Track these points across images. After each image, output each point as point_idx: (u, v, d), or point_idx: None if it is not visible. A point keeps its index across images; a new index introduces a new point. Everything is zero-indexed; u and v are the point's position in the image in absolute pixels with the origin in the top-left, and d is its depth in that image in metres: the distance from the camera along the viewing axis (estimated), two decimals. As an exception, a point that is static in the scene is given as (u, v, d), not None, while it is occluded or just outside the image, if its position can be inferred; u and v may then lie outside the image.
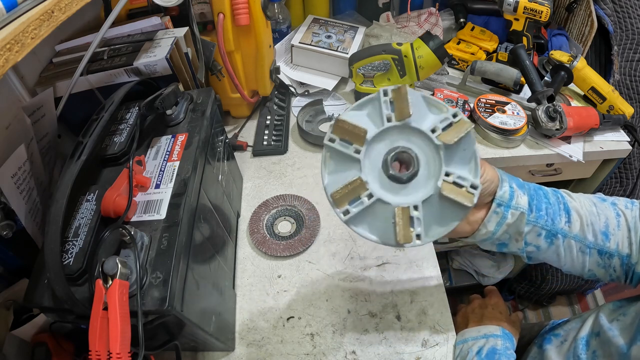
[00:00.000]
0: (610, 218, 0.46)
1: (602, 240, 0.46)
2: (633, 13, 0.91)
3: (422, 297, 0.56)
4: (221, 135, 0.58)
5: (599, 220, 0.46)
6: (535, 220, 0.44)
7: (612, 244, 0.46)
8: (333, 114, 0.84)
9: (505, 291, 1.38)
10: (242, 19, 0.64)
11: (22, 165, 0.43)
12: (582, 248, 0.46)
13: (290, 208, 0.66)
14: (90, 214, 0.37)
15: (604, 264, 0.47)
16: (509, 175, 0.45)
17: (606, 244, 0.46)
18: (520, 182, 0.46)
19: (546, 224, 0.45)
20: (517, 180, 0.45)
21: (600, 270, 0.47)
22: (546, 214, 0.45)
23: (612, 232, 0.46)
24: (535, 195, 0.45)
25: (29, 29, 0.36)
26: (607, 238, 0.46)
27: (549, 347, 0.55)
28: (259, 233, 0.63)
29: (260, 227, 0.63)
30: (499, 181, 0.43)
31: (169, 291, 0.33)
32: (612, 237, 0.46)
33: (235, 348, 0.52)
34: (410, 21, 1.02)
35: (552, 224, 0.45)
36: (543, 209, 0.45)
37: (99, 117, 0.42)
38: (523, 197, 0.44)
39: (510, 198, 0.43)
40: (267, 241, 0.62)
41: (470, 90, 0.90)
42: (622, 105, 0.83)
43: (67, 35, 0.60)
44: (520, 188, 0.44)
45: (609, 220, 0.46)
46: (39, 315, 0.44)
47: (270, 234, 0.63)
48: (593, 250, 0.46)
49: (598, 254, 0.46)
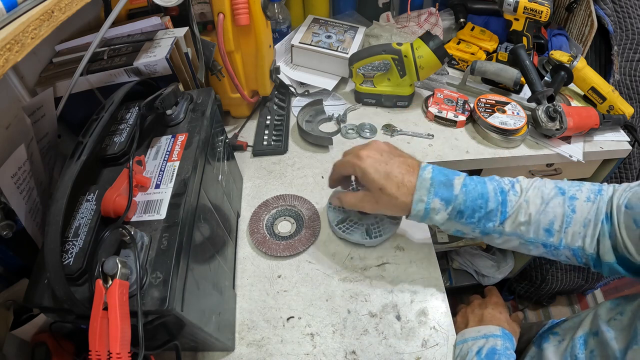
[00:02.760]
0: (559, 216, 0.47)
1: (544, 236, 0.48)
2: (633, 13, 0.91)
3: (422, 297, 0.56)
4: (221, 135, 0.58)
5: (543, 218, 0.47)
6: (465, 224, 0.50)
7: (556, 240, 0.47)
8: (333, 114, 0.84)
9: (505, 291, 1.38)
10: (242, 19, 0.64)
11: (22, 165, 0.43)
12: (522, 242, 0.49)
13: (290, 208, 0.66)
14: (90, 214, 0.37)
15: (552, 254, 0.49)
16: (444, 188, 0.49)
17: (549, 239, 0.47)
18: (451, 196, 0.49)
19: (477, 227, 0.49)
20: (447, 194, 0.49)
21: (550, 257, 0.50)
22: (478, 220, 0.49)
23: (556, 229, 0.47)
24: (469, 207, 0.49)
25: (29, 29, 0.36)
26: (550, 234, 0.47)
27: (547, 346, 0.55)
28: (259, 233, 0.62)
29: (260, 227, 0.63)
30: (411, 204, 0.49)
31: (169, 291, 0.33)
32: (556, 234, 0.47)
33: (235, 348, 0.52)
34: (410, 21, 1.02)
35: (483, 227, 0.50)
36: (476, 217, 0.49)
37: (99, 117, 0.42)
38: (442, 213, 0.49)
39: (424, 215, 0.50)
40: (267, 241, 0.61)
41: (470, 90, 0.90)
42: (622, 105, 0.83)
43: (67, 35, 0.60)
44: (446, 204, 0.49)
45: (556, 218, 0.47)
46: (39, 315, 0.44)
47: (270, 233, 0.63)
48: (536, 243, 0.48)
49: (543, 246, 0.48)
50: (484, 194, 0.49)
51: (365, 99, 0.87)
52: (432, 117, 0.83)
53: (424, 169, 0.50)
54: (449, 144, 0.79)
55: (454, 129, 0.83)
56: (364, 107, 0.88)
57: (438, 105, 0.84)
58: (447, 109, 0.83)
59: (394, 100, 0.86)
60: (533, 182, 0.50)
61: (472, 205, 0.48)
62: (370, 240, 0.60)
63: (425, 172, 0.50)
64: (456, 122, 0.82)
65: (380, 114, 0.86)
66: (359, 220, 0.62)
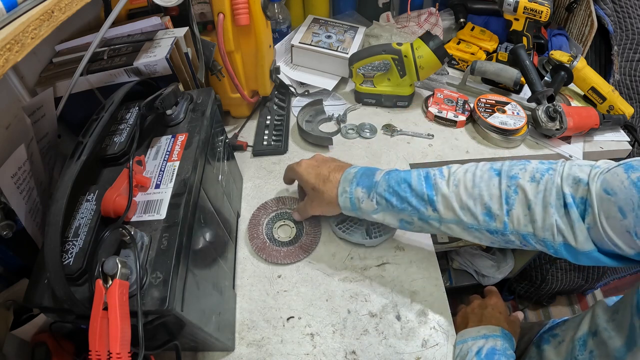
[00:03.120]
0: (494, 197, 0.45)
1: (484, 221, 0.45)
2: (633, 13, 0.91)
3: (422, 297, 0.56)
4: (221, 135, 0.58)
5: (479, 202, 0.45)
6: (399, 211, 0.50)
7: (499, 224, 0.45)
8: (333, 114, 0.84)
9: (505, 291, 1.38)
10: (242, 19, 0.64)
11: (22, 165, 0.43)
12: (465, 228, 0.47)
13: (290, 211, 0.65)
14: (90, 214, 0.37)
15: (503, 240, 0.46)
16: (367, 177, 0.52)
17: (491, 224, 0.45)
18: (371, 183, 0.51)
19: (412, 213, 0.50)
20: (368, 182, 0.52)
21: (502, 244, 0.47)
22: (409, 205, 0.50)
23: (496, 212, 0.45)
24: (393, 192, 0.50)
25: (29, 29, 0.36)
26: (490, 218, 0.45)
27: (547, 347, 0.55)
28: (259, 238, 0.61)
29: (259, 232, 0.62)
30: (336, 197, 0.53)
31: (169, 291, 0.33)
32: (497, 218, 0.45)
33: (235, 348, 0.52)
34: (410, 21, 1.02)
35: (418, 212, 0.49)
36: (404, 202, 0.50)
37: (99, 117, 0.42)
38: (366, 202, 0.52)
39: (352, 205, 0.53)
40: (267, 247, 0.60)
41: (470, 90, 0.90)
42: (622, 105, 0.83)
43: (67, 35, 0.60)
44: (367, 191, 0.51)
45: (492, 200, 0.45)
46: (39, 315, 0.44)
47: (270, 238, 0.62)
48: (480, 229, 0.46)
49: (488, 233, 0.46)
50: (406, 178, 0.50)
51: (365, 99, 0.87)
52: (432, 117, 0.83)
53: (352, 167, 0.55)
54: (449, 144, 0.79)
55: (454, 129, 0.83)
56: (364, 107, 0.88)
57: (438, 105, 0.84)
58: (447, 109, 0.83)
59: (394, 100, 0.86)
60: (464, 166, 0.49)
61: (396, 190, 0.50)
62: (370, 240, 0.60)
63: (352, 169, 0.54)
64: (456, 122, 0.82)
65: (380, 114, 0.86)
66: (359, 220, 0.62)
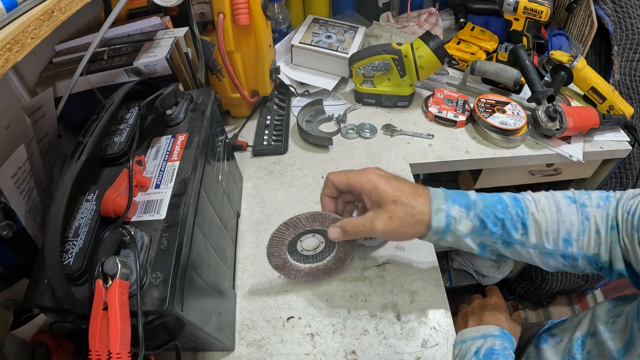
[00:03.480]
0: (575, 224, 0.45)
1: (563, 246, 0.46)
2: (633, 13, 0.91)
3: (422, 297, 0.56)
4: (221, 135, 0.58)
5: (561, 227, 0.45)
6: (489, 235, 0.45)
7: (575, 249, 0.45)
8: (333, 114, 0.84)
9: (505, 291, 1.38)
10: (242, 19, 0.64)
11: (22, 165, 0.43)
12: (542, 253, 0.47)
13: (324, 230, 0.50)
14: (90, 214, 0.37)
15: (570, 265, 0.47)
16: (459, 195, 0.46)
17: (568, 249, 0.46)
18: (468, 201, 0.45)
19: (501, 236, 0.45)
20: (464, 200, 0.45)
21: (567, 268, 0.48)
22: (502, 228, 0.45)
23: (574, 238, 0.45)
24: (490, 214, 0.45)
25: (29, 29, 0.36)
26: (569, 244, 0.45)
27: (545, 346, 0.55)
28: (279, 257, 0.52)
29: (281, 251, 0.51)
30: (430, 213, 0.44)
31: (169, 291, 0.33)
32: (574, 243, 0.45)
33: (235, 348, 0.52)
34: (410, 21, 1.02)
35: (507, 236, 0.45)
36: (499, 224, 0.45)
37: (99, 117, 0.42)
38: (465, 222, 0.45)
39: (446, 226, 0.45)
40: (287, 266, 0.53)
41: (470, 90, 0.90)
42: (622, 105, 0.83)
43: (67, 35, 0.60)
44: (466, 210, 0.45)
45: (572, 227, 0.45)
46: (39, 315, 0.44)
47: (292, 252, 0.53)
48: (555, 254, 0.46)
49: (561, 257, 0.46)
50: (501, 200, 0.46)
51: (365, 99, 0.87)
52: (432, 117, 0.83)
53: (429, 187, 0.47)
54: (449, 144, 0.79)
55: (454, 129, 0.83)
56: (364, 107, 0.88)
57: (438, 105, 0.84)
58: (447, 109, 0.83)
59: (394, 100, 0.86)
60: (542, 193, 0.49)
61: (492, 211, 0.45)
62: (371, 240, 0.60)
63: (433, 188, 0.47)
64: (456, 122, 0.82)
65: (380, 114, 0.86)
66: None
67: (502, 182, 0.91)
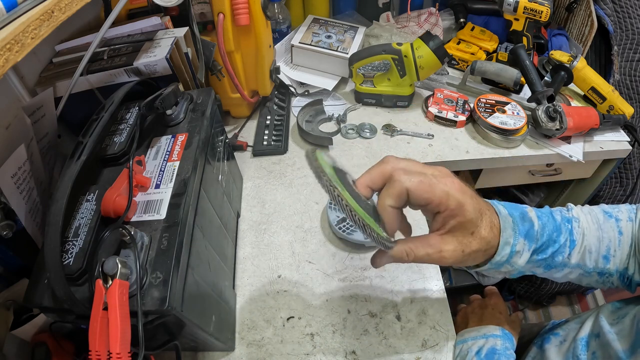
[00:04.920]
0: (613, 239, 0.44)
1: (602, 264, 0.45)
2: (633, 13, 0.91)
3: (422, 297, 0.56)
4: (221, 135, 0.58)
5: (602, 244, 0.44)
6: (535, 262, 0.42)
7: (612, 266, 0.45)
8: (333, 114, 0.84)
9: (505, 291, 1.38)
10: (242, 19, 0.64)
11: (22, 165, 0.43)
12: (581, 273, 0.45)
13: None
14: (90, 214, 0.37)
15: (603, 281, 0.47)
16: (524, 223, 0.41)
17: (606, 266, 0.45)
18: (533, 232, 0.40)
19: (545, 262, 0.43)
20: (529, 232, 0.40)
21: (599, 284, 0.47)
22: (550, 255, 0.42)
23: (612, 254, 0.45)
24: (545, 242, 0.41)
25: (29, 29, 0.36)
26: (607, 261, 0.45)
27: (549, 346, 0.55)
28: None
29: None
30: (497, 247, 0.39)
31: (169, 291, 0.33)
32: (612, 259, 0.45)
33: (235, 348, 0.52)
34: (410, 21, 1.02)
35: (552, 260, 0.43)
36: (549, 252, 0.42)
37: (99, 117, 0.42)
38: (524, 255, 0.40)
39: (507, 260, 0.40)
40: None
41: (470, 90, 0.90)
42: (622, 105, 0.83)
43: (67, 35, 0.60)
44: (529, 243, 0.40)
45: (611, 243, 0.44)
46: (39, 315, 0.44)
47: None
48: (592, 273, 0.46)
49: (598, 275, 0.46)
50: (557, 226, 0.43)
51: (365, 99, 0.87)
52: (432, 117, 0.83)
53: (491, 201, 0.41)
54: (449, 144, 0.79)
55: (454, 129, 0.83)
56: (364, 107, 0.88)
57: (438, 105, 0.84)
58: (447, 109, 0.83)
59: (394, 100, 0.86)
60: (582, 208, 0.47)
61: (547, 241, 0.41)
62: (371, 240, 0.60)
63: (499, 206, 0.41)
64: (456, 122, 0.82)
65: (380, 114, 0.86)
66: None
67: (502, 182, 0.91)
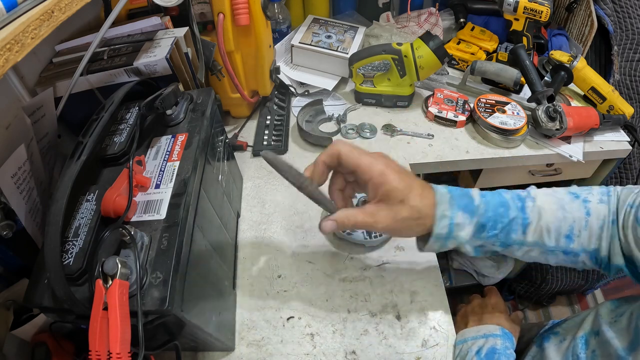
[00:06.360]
0: (578, 220, 0.45)
1: (565, 243, 0.45)
2: (633, 13, 0.91)
3: (422, 297, 0.56)
4: (221, 135, 0.58)
5: (564, 224, 0.45)
6: (488, 238, 0.45)
7: (577, 245, 0.45)
8: (333, 114, 0.84)
9: (505, 291, 1.38)
10: (242, 19, 0.64)
11: (22, 165, 0.43)
12: (542, 251, 0.46)
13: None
14: (90, 214, 0.37)
15: (571, 260, 0.47)
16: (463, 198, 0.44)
17: (570, 246, 0.45)
18: (472, 206, 0.44)
19: (499, 239, 0.45)
20: (469, 205, 0.44)
21: (568, 264, 0.48)
22: (501, 231, 0.44)
23: (576, 233, 0.45)
24: (491, 218, 0.44)
25: (29, 29, 0.36)
26: (570, 240, 0.45)
27: (548, 345, 0.55)
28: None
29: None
30: (434, 219, 0.42)
31: (169, 291, 0.33)
32: (576, 239, 0.45)
33: (235, 348, 0.52)
34: (410, 21, 1.02)
35: (505, 238, 0.45)
36: (498, 228, 0.44)
37: (99, 117, 0.42)
38: (467, 228, 0.43)
39: (448, 233, 0.43)
40: None
41: (470, 90, 0.90)
42: (622, 105, 0.83)
43: (67, 35, 0.60)
44: (470, 216, 0.43)
45: (575, 223, 0.45)
46: (39, 315, 0.44)
47: None
48: (556, 251, 0.46)
49: (563, 254, 0.46)
50: (503, 202, 0.45)
51: (365, 99, 0.87)
52: (432, 117, 0.83)
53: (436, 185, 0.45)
54: (449, 144, 0.79)
55: (454, 129, 0.83)
56: (364, 107, 0.88)
57: (438, 105, 0.84)
58: (447, 109, 0.83)
59: (394, 100, 0.86)
60: (543, 190, 0.49)
61: (493, 216, 0.44)
62: (371, 240, 0.60)
63: (439, 187, 0.45)
64: (456, 122, 0.82)
65: (380, 114, 0.86)
66: None
67: (502, 182, 0.91)
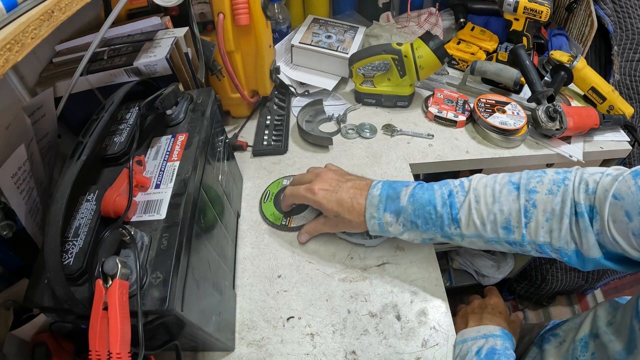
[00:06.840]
0: (514, 211, 0.46)
1: (504, 234, 0.47)
2: (633, 13, 0.91)
3: (422, 297, 0.56)
4: (221, 135, 0.58)
5: (498, 216, 0.47)
6: (424, 232, 0.51)
7: (517, 236, 0.46)
8: (333, 114, 0.84)
9: (505, 291, 1.38)
10: (242, 19, 0.64)
11: (22, 165, 0.43)
12: (485, 241, 0.49)
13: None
14: (90, 214, 0.37)
15: (520, 250, 0.48)
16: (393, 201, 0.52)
17: (510, 237, 0.47)
18: (398, 207, 0.51)
19: (436, 233, 0.51)
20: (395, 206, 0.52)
21: (527, 252, 0.48)
22: (433, 226, 0.50)
23: (515, 225, 0.46)
24: (419, 216, 0.50)
25: (29, 29, 0.36)
26: (509, 232, 0.47)
27: (548, 347, 0.55)
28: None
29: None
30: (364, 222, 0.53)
31: (169, 291, 0.33)
32: (515, 230, 0.46)
33: (235, 348, 0.52)
34: (410, 21, 1.02)
35: (441, 231, 0.50)
36: (430, 223, 0.50)
37: (99, 117, 0.42)
38: (394, 225, 0.52)
39: (380, 229, 0.53)
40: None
41: (470, 90, 0.90)
42: (622, 105, 0.83)
43: (67, 35, 0.60)
44: (396, 216, 0.51)
45: (511, 215, 0.46)
46: (39, 315, 0.44)
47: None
48: (499, 241, 0.48)
49: (507, 244, 0.48)
50: (430, 200, 0.50)
51: (365, 99, 0.87)
52: (432, 117, 0.83)
53: (373, 187, 0.54)
54: (449, 144, 0.79)
55: (454, 129, 0.83)
56: (364, 107, 0.88)
57: (438, 105, 0.84)
58: (447, 109, 0.83)
59: (394, 100, 0.86)
60: (484, 178, 0.50)
61: (422, 214, 0.50)
62: (370, 240, 0.60)
63: (374, 190, 0.53)
64: (456, 122, 0.82)
65: (380, 114, 0.86)
66: None
67: (502, 182, 0.91)
